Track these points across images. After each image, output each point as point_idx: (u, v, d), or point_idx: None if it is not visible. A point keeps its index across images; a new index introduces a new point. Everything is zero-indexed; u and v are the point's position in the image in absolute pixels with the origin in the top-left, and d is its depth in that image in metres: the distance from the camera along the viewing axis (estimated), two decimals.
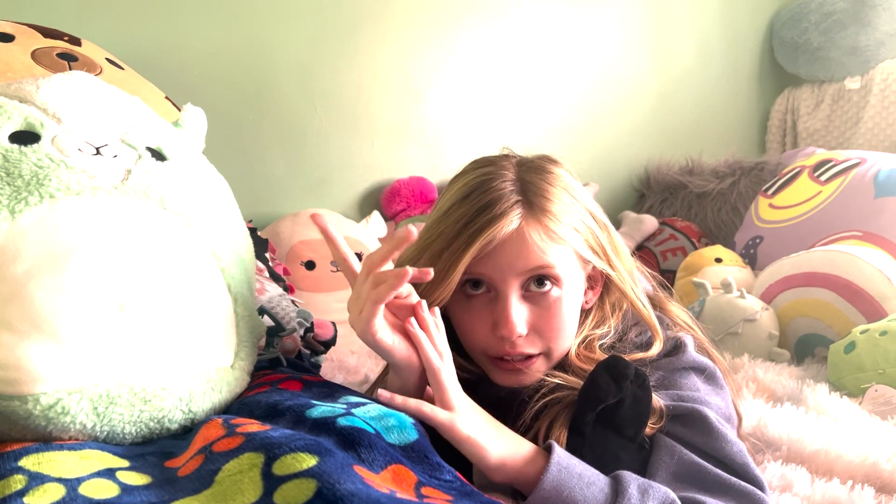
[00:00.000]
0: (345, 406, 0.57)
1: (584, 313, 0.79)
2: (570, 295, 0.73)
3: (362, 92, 1.91)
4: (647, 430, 0.67)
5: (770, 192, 1.83)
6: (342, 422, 0.52)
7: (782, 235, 1.69)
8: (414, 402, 0.61)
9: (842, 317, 1.27)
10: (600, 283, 0.79)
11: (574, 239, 0.72)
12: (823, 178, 1.69)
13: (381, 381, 0.86)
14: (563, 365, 0.75)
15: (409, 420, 0.56)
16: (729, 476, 0.64)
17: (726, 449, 0.66)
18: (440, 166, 2.01)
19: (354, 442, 0.49)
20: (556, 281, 0.71)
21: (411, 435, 0.54)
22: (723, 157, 2.22)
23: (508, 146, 0.83)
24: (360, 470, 0.45)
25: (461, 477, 0.52)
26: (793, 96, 2.40)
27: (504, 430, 0.65)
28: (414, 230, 0.62)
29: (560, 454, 0.61)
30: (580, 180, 0.79)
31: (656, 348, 0.75)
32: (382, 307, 0.62)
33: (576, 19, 2.18)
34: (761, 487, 0.64)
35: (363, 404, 0.58)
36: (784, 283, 1.38)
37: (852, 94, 2.21)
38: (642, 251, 1.98)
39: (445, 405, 0.62)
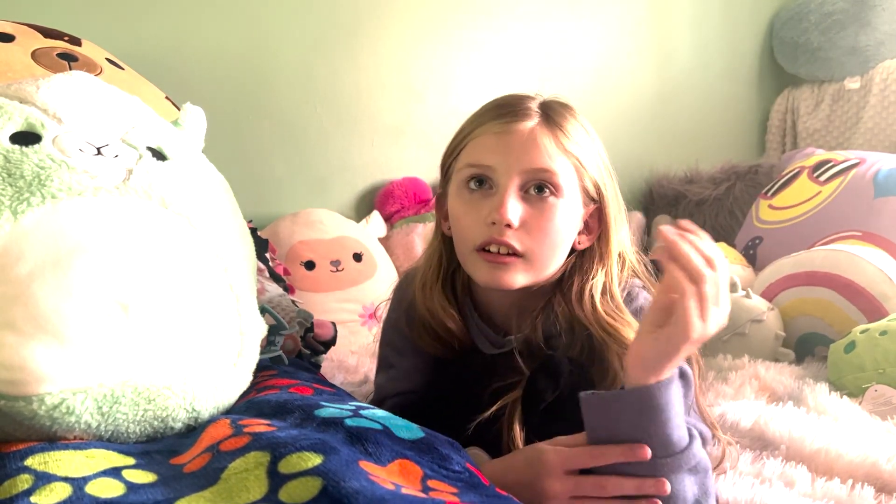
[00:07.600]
0: (353, 409, 0.57)
1: (578, 258, 0.81)
2: (565, 211, 0.76)
3: (362, 92, 1.91)
4: None
5: (769, 193, 1.83)
6: (349, 422, 0.52)
7: (782, 236, 1.69)
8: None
9: (843, 316, 1.27)
10: (595, 232, 0.81)
11: (582, 157, 0.77)
12: (823, 178, 1.69)
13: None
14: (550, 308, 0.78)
15: (416, 425, 0.57)
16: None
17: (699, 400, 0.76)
18: None
19: (361, 437, 0.50)
20: (555, 190, 0.75)
21: (419, 432, 0.54)
22: (722, 159, 2.21)
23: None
24: (366, 465, 0.46)
25: (471, 468, 0.52)
26: (793, 96, 2.40)
27: None
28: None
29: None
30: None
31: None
32: None
33: (575, 19, 2.18)
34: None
35: (371, 408, 0.59)
36: (785, 282, 1.38)
37: (852, 94, 2.21)
38: None
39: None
